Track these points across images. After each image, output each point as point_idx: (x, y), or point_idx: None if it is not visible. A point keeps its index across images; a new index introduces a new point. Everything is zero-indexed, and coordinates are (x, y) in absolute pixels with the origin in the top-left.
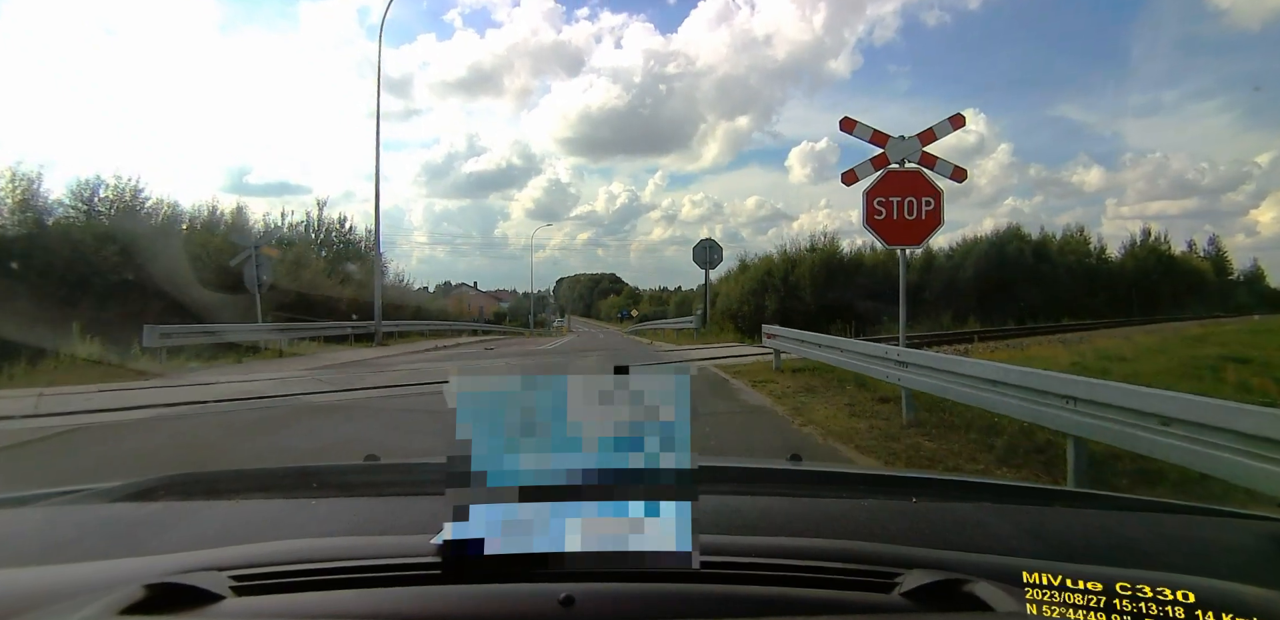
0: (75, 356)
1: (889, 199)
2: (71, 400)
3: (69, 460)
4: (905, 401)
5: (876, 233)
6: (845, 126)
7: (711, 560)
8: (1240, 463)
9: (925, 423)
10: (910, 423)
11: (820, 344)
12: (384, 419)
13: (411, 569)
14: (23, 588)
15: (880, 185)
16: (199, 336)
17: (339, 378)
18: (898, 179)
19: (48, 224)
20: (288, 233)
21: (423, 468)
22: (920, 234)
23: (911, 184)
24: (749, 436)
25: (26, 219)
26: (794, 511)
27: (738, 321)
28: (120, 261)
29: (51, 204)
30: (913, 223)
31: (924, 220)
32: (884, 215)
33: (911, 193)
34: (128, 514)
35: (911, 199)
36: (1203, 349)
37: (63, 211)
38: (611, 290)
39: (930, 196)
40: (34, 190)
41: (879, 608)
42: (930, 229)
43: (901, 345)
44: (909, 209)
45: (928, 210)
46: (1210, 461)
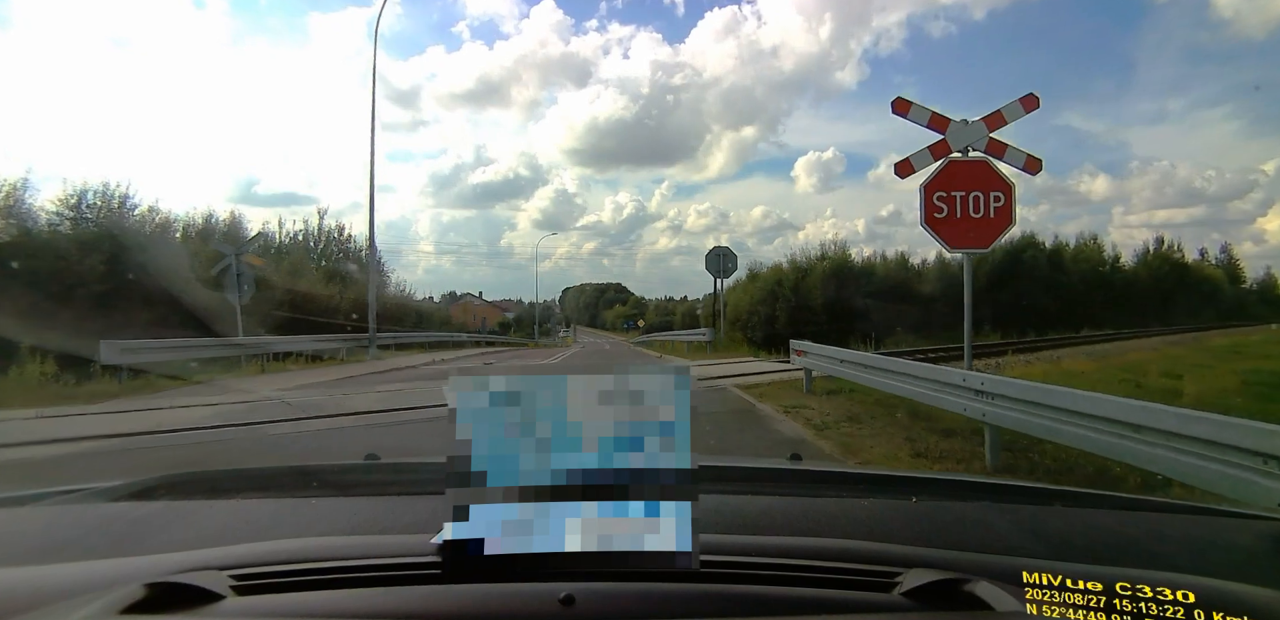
0: (24, 375)
1: (951, 194)
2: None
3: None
4: (990, 442)
5: (936, 234)
6: (899, 108)
7: (711, 560)
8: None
9: (1016, 469)
10: (997, 468)
11: (865, 364)
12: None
13: (411, 569)
14: (23, 588)
15: (940, 178)
16: (165, 352)
17: (315, 401)
18: (961, 170)
19: (30, 231)
20: (288, 242)
21: (423, 468)
22: (988, 235)
23: (977, 176)
24: None
25: (9, 226)
26: (794, 511)
27: (747, 332)
28: (106, 271)
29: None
30: (979, 222)
31: (992, 219)
32: (945, 213)
33: (978, 186)
34: (128, 513)
35: (977, 194)
36: (1243, 362)
37: (47, 219)
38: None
39: (1000, 191)
40: (18, 197)
41: (879, 607)
42: (1000, 229)
43: (968, 365)
44: (974, 206)
45: (997, 207)
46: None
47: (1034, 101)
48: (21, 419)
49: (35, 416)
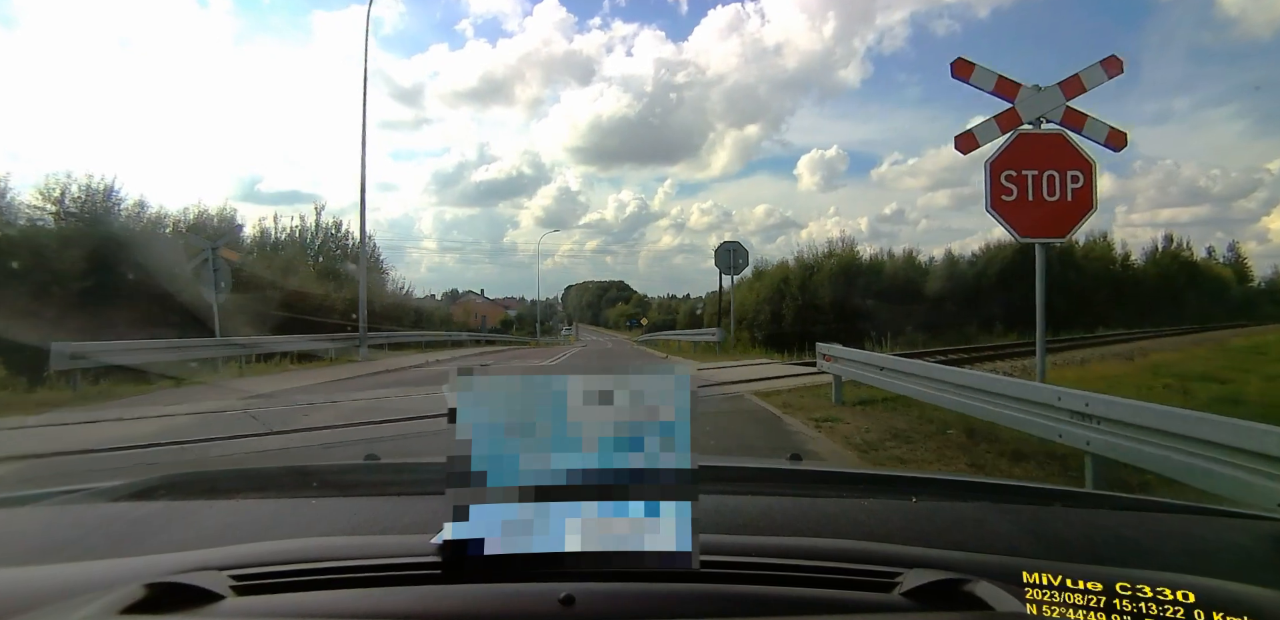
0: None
1: (1021, 172)
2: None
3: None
4: (1093, 476)
5: (1005, 220)
6: (959, 71)
7: (711, 560)
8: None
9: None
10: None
11: (916, 374)
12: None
13: (411, 569)
14: (23, 587)
15: (1009, 154)
16: (128, 355)
17: (280, 412)
18: (1033, 145)
19: (8, 227)
20: (283, 239)
21: (423, 468)
22: (1066, 222)
23: (1052, 152)
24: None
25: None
26: (794, 511)
27: (754, 331)
28: (86, 267)
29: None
30: (1055, 206)
31: (1070, 203)
32: (1015, 196)
33: (1052, 164)
34: (128, 513)
35: (1052, 173)
36: (1273, 365)
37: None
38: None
39: (1078, 169)
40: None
41: (879, 607)
42: (1079, 215)
43: (1041, 374)
44: (1049, 187)
45: (1075, 189)
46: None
47: (1117, 65)
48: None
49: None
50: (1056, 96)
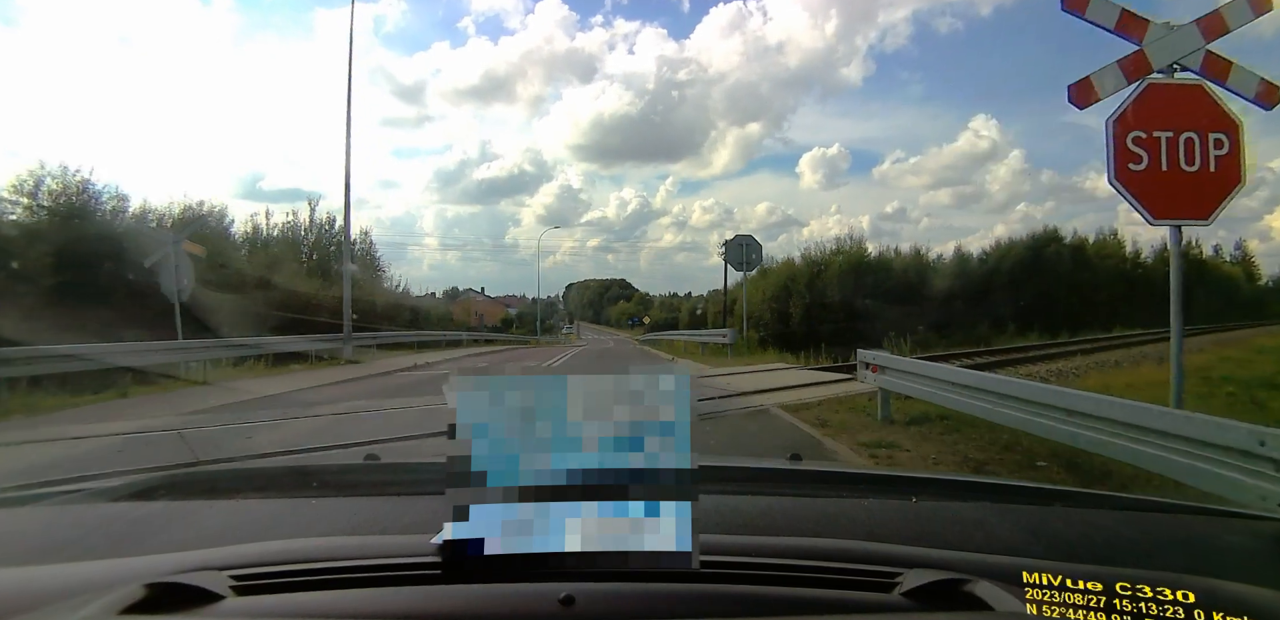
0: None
1: (1152, 134)
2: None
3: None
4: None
5: (1134, 196)
6: (1070, 3)
7: (711, 560)
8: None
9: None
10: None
11: (1006, 394)
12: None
13: (411, 569)
14: (23, 587)
15: (1136, 108)
16: (57, 362)
17: (218, 434)
18: (1166, 98)
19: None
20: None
21: (423, 468)
22: (1209, 200)
23: (1190, 108)
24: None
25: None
26: (794, 511)
27: (760, 330)
28: (55, 263)
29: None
30: (1195, 178)
31: (1213, 174)
32: (1145, 164)
33: (1191, 124)
34: (128, 513)
35: (1190, 136)
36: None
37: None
38: (621, 296)
39: (1222, 131)
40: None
41: (879, 607)
42: (1225, 191)
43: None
44: (1186, 153)
45: (1218, 156)
46: None
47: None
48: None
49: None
50: (1194, 37)
